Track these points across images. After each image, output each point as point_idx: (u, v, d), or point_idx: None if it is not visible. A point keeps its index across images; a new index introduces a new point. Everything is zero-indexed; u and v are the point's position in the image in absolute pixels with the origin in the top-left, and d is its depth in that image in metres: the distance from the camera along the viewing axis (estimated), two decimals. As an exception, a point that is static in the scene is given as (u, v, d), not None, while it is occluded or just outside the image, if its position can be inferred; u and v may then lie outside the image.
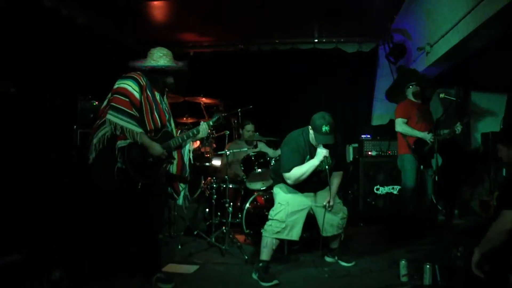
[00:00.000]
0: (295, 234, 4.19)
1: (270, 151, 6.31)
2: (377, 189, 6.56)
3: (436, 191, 5.40)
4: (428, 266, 3.88)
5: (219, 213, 5.58)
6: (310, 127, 4.09)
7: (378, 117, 7.85)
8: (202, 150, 6.79)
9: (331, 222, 4.36)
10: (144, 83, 3.63)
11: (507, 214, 2.95)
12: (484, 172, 6.43)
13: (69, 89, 4.26)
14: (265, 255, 4.21)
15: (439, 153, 5.24)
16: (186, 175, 4.13)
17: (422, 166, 5.43)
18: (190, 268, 4.45)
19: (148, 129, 3.63)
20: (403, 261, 4.08)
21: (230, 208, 5.33)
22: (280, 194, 4.35)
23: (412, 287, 3.86)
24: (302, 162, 4.08)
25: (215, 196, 5.48)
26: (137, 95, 3.54)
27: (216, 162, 6.61)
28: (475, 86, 7.34)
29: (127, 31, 7.32)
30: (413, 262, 4.24)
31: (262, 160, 5.49)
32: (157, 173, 3.74)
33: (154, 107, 3.68)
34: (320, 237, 4.35)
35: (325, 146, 3.98)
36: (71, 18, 5.80)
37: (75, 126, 4.84)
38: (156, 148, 3.59)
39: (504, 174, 5.64)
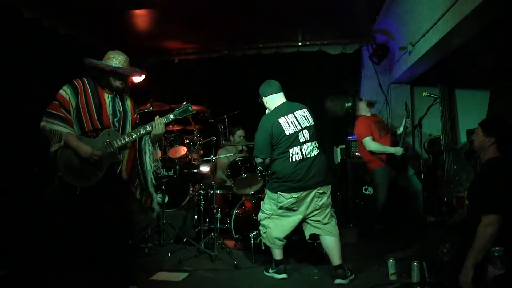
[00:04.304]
0: None
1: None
2: (366, 189, 6.58)
3: (423, 190, 5.42)
4: (416, 263, 3.89)
5: (207, 219, 5.56)
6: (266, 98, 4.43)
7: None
8: (190, 157, 6.79)
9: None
10: (82, 85, 3.58)
11: (486, 219, 2.99)
12: (471, 168, 6.48)
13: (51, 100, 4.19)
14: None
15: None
16: (136, 183, 3.89)
17: (402, 173, 5.54)
18: (179, 276, 4.43)
19: (86, 129, 3.54)
20: (391, 260, 4.09)
21: (219, 214, 5.32)
22: None
23: (401, 286, 3.87)
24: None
25: (203, 202, 5.46)
26: (66, 96, 3.49)
27: (204, 169, 6.61)
28: (459, 83, 7.42)
29: (111, 40, 7.28)
30: (402, 261, 4.27)
31: (248, 165, 5.49)
32: (98, 176, 3.52)
33: (95, 107, 3.58)
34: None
35: None
36: (52, 29, 5.77)
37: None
38: (84, 148, 3.42)
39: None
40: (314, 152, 4.18)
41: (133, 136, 3.69)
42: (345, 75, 7.81)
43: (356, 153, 6.79)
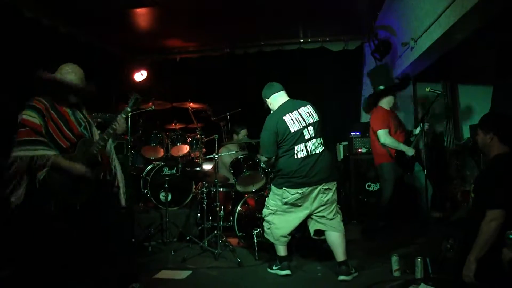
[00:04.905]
0: None
1: None
2: (369, 186, 6.57)
3: (426, 187, 5.39)
4: (419, 259, 3.90)
5: (210, 217, 5.56)
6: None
7: (367, 114, 7.85)
8: (192, 155, 6.79)
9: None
10: (44, 105, 3.47)
11: (490, 213, 2.98)
12: (474, 164, 6.46)
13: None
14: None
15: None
16: (116, 178, 3.89)
17: (408, 173, 5.52)
18: (183, 274, 4.43)
19: (64, 147, 3.49)
20: (395, 256, 4.09)
21: (222, 212, 5.31)
22: None
23: (404, 282, 3.86)
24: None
25: (206, 200, 5.46)
26: (35, 120, 3.39)
27: (207, 167, 6.60)
28: (462, 79, 7.38)
29: (113, 40, 7.31)
30: (406, 257, 4.27)
31: (251, 162, 5.49)
32: (91, 187, 3.54)
33: (63, 124, 3.53)
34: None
35: None
36: (53, 28, 5.77)
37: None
38: (77, 167, 3.43)
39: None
40: (319, 149, 4.20)
41: (106, 138, 3.69)
42: (347, 72, 7.80)
43: (359, 150, 6.78)
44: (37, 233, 3.76)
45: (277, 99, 4.38)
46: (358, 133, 6.89)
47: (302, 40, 7.81)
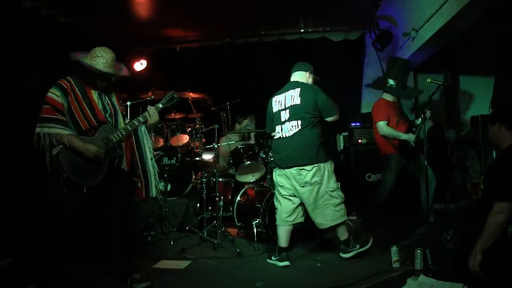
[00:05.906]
0: None
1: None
2: (369, 177, 6.55)
3: (427, 178, 5.36)
4: (419, 251, 3.89)
5: (210, 208, 5.56)
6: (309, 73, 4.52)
7: (367, 105, 7.78)
8: (192, 145, 6.77)
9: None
10: (70, 85, 3.53)
11: (497, 206, 2.97)
12: (475, 155, 6.45)
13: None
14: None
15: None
16: (139, 171, 3.87)
17: (413, 162, 5.47)
18: (182, 264, 4.44)
19: (84, 128, 3.53)
20: (394, 247, 4.09)
21: (221, 202, 5.31)
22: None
23: (404, 273, 3.86)
24: None
25: (205, 190, 5.46)
26: (58, 99, 3.45)
27: (207, 157, 6.60)
28: (463, 70, 7.35)
29: (112, 30, 7.25)
30: (405, 248, 4.27)
31: (250, 153, 5.48)
32: (102, 173, 3.57)
33: (86, 106, 3.56)
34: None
35: None
36: (52, 18, 5.72)
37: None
38: (89, 148, 3.45)
39: (494, 156, 5.63)
40: (293, 131, 4.28)
41: (129, 129, 3.70)
42: (348, 62, 7.76)
43: (359, 140, 6.76)
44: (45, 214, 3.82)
45: (291, 78, 4.60)
46: (358, 124, 6.87)
47: (302, 30, 7.73)
